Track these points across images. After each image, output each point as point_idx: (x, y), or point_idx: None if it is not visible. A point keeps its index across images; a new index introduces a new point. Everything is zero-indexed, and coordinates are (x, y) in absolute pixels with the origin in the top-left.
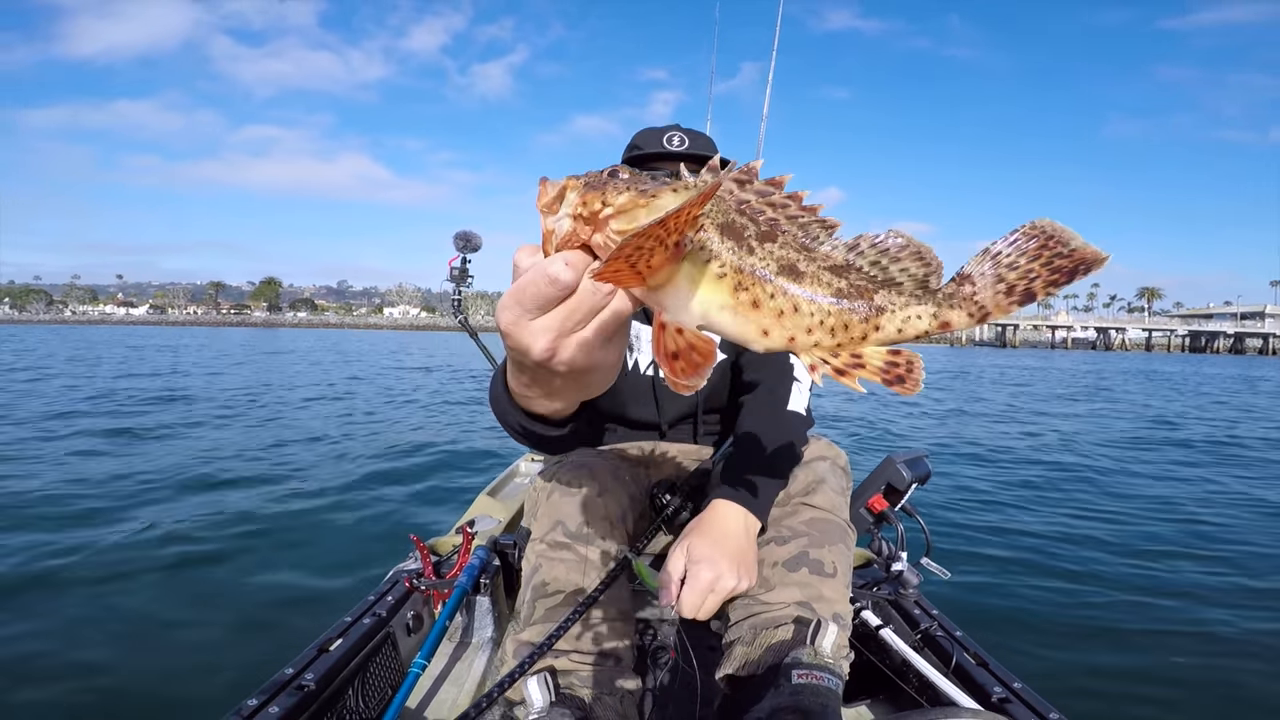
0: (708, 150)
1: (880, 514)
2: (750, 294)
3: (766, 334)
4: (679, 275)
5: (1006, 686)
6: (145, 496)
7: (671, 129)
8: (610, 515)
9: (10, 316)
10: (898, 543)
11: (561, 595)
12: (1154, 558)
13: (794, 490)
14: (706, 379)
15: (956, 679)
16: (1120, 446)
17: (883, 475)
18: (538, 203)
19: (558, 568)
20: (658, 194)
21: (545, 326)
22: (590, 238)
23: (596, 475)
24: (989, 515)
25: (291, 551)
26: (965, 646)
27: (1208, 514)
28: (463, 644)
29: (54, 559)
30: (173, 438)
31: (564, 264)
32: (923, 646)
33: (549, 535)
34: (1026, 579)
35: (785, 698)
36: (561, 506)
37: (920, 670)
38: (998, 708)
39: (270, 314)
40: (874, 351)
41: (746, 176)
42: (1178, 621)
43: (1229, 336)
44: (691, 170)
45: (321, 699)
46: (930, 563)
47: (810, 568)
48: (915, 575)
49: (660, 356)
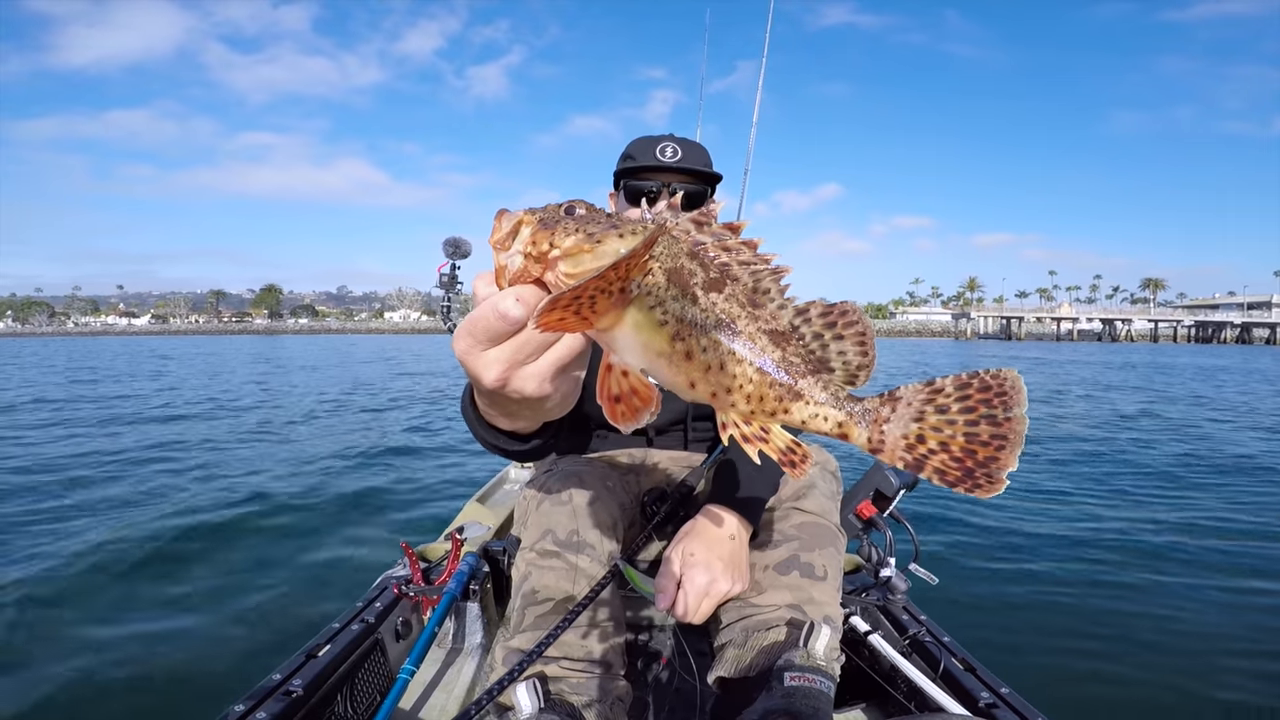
0: (700, 162)
1: (869, 520)
2: (686, 344)
3: (693, 386)
4: (625, 319)
5: (993, 692)
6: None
7: (666, 139)
8: (600, 523)
9: (14, 330)
10: (886, 548)
11: (551, 603)
12: (1155, 562)
13: (784, 495)
14: (646, 422)
15: (944, 684)
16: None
17: (871, 481)
18: (490, 238)
19: (548, 576)
20: (603, 239)
21: (497, 358)
22: (542, 275)
23: (586, 484)
24: (981, 519)
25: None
26: (953, 652)
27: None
28: (452, 650)
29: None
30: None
31: (514, 299)
32: (911, 652)
33: (539, 544)
34: (1014, 584)
35: (777, 700)
36: (552, 515)
37: (908, 675)
38: (985, 713)
39: (271, 321)
40: (779, 433)
41: (704, 219)
42: (1176, 623)
43: (1235, 326)
44: (675, 186)
45: (309, 705)
46: (918, 568)
47: (801, 571)
48: (904, 581)
49: (603, 398)
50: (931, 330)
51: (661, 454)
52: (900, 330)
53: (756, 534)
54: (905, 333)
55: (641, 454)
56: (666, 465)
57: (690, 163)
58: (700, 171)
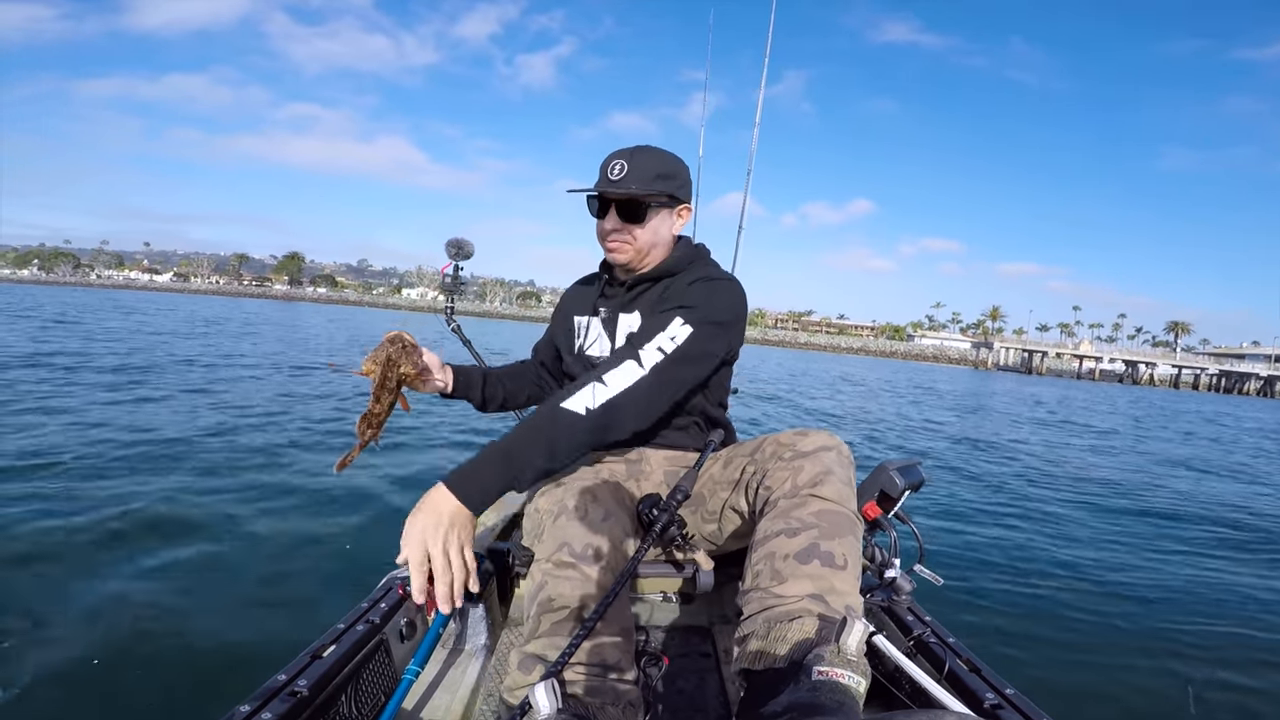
0: (642, 175)
1: (874, 521)
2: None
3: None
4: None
5: (999, 693)
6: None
7: (618, 157)
8: (614, 537)
9: (38, 278)
10: (891, 549)
11: (566, 610)
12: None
13: (801, 481)
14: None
15: (949, 685)
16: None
17: (876, 482)
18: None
19: (563, 585)
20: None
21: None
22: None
23: (601, 499)
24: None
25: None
26: (958, 653)
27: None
28: (456, 650)
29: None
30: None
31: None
32: (915, 653)
33: (555, 555)
34: (1020, 586)
35: (803, 693)
36: (568, 529)
37: (913, 676)
38: (990, 714)
39: (291, 288)
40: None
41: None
42: (1177, 627)
43: (1260, 379)
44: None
45: (314, 705)
46: (923, 569)
47: (822, 559)
48: (908, 582)
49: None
50: (949, 357)
51: (657, 454)
52: (917, 354)
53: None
54: (921, 357)
55: (638, 455)
56: (663, 467)
57: (629, 180)
58: (627, 194)
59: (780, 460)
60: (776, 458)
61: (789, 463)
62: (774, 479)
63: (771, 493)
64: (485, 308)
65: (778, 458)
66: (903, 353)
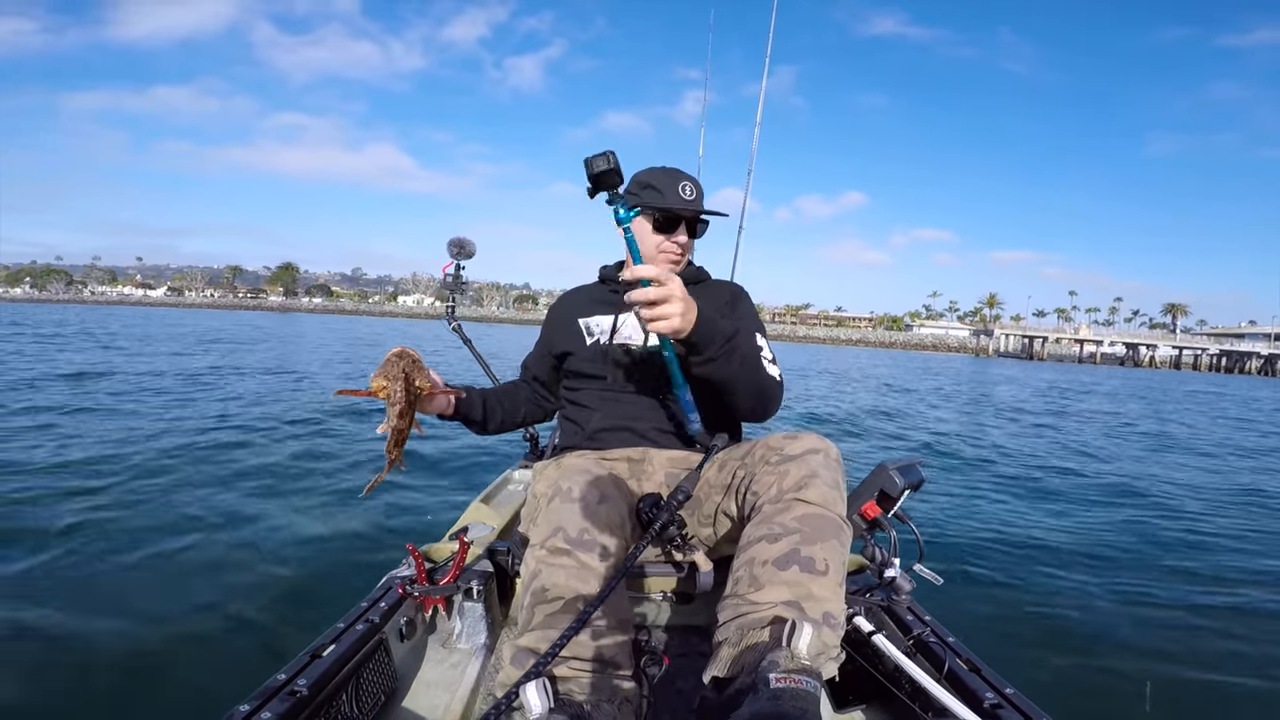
0: (702, 196)
1: (873, 520)
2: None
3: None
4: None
5: (999, 693)
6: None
7: (684, 179)
8: (611, 523)
9: (30, 296)
10: (890, 549)
11: (562, 601)
12: (1154, 565)
13: (786, 485)
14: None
15: (949, 685)
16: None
17: (876, 482)
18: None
19: (558, 574)
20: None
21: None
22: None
23: (597, 482)
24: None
25: None
26: (958, 652)
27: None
28: (455, 650)
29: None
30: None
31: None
32: (915, 652)
33: (549, 541)
34: (1022, 586)
35: (764, 703)
36: (562, 512)
37: (913, 676)
38: (990, 714)
39: (286, 299)
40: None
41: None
42: (1173, 630)
43: (1261, 358)
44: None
45: (314, 704)
46: (923, 569)
47: (801, 565)
48: (908, 581)
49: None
50: (949, 345)
51: (660, 454)
52: (916, 344)
53: (703, 348)
54: (921, 346)
55: (641, 454)
56: (665, 467)
57: (701, 200)
58: (711, 212)
59: (767, 465)
60: (764, 462)
61: (775, 467)
62: (760, 483)
63: (758, 497)
64: (483, 312)
65: (765, 462)
66: (902, 343)
